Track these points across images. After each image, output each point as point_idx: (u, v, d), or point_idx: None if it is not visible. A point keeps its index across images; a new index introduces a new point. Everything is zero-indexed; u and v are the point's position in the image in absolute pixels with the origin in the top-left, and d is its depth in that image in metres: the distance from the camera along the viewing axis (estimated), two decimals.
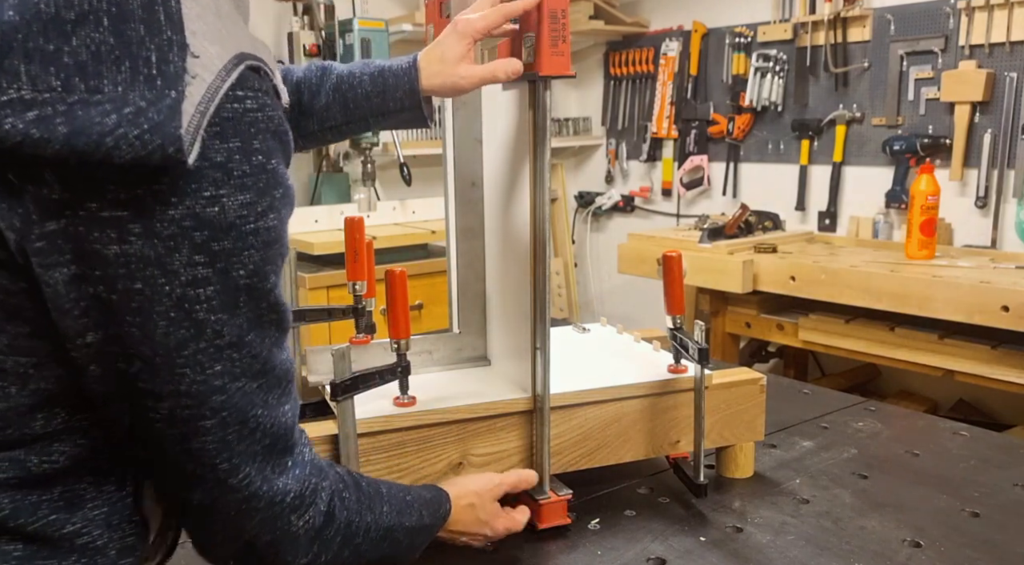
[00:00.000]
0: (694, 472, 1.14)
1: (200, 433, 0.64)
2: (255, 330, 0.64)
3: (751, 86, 3.46)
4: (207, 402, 0.63)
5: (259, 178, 0.61)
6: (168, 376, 0.61)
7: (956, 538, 1.05)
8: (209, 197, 0.58)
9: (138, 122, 0.53)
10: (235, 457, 0.66)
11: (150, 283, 0.58)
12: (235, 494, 0.67)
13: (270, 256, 0.64)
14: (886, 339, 2.59)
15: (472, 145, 1.22)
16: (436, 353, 1.26)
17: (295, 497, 0.71)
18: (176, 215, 0.57)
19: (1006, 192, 2.82)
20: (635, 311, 3.98)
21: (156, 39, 0.55)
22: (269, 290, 0.64)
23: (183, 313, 0.59)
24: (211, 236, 0.59)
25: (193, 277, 0.59)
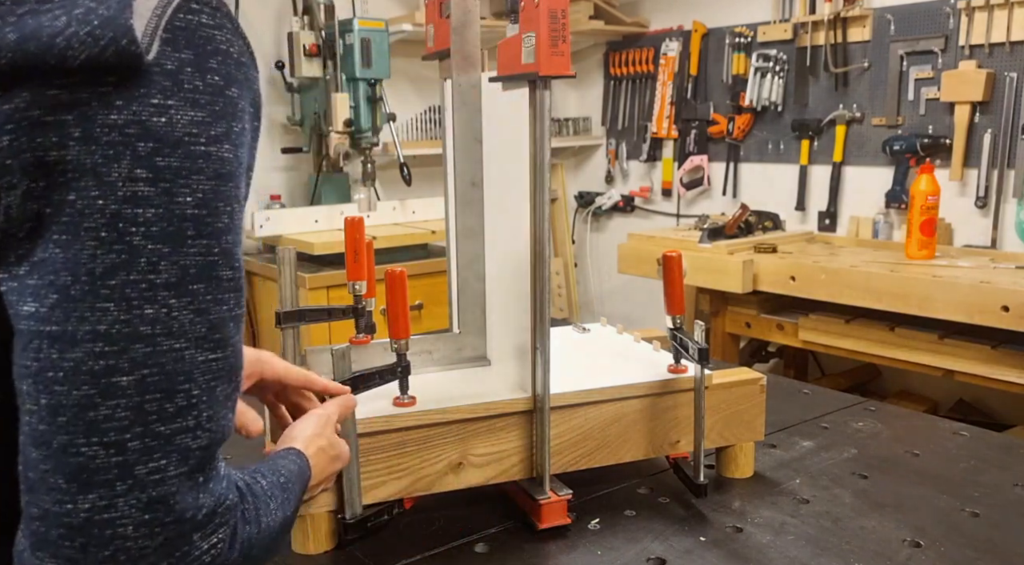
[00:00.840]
0: (694, 472, 1.14)
1: (111, 393, 0.53)
2: (205, 282, 0.56)
3: (751, 86, 3.46)
4: (128, 350, 0.53)
5: (214, 99, 0.57)
6: (86, 312, 0.52)
7: (956, 538, 1.05)
8: (157, 105, 0.54)
9: (88, 19, 0.51)
10: (150, 437, 0.54)
11: (83, 195, 0.52)
12: (139, 494, 0.54)
13: (223, 192, 0.57)
14: (886, 339, 2.59)
15: (472, 145, 1.22)
16: (436, 353, 1.26)
17: (206, 514, 0.58)
18: (119, 120, 0.52)
19: (1006, 192, 2.83)
20: (635, 311, 3.98)
21: None
22: (221, 231, 0.57)
23: (115, 234, 0.53)
24: (156, 149, 0.53)
25: (132, 193, 0.53)
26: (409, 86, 3.61)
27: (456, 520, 1.10)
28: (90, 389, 0.53)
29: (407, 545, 1.04)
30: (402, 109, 3.43)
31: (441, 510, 1.11)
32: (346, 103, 3.05)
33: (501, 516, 1.11)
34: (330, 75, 3.10)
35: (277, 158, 3.36)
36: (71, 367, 0.52)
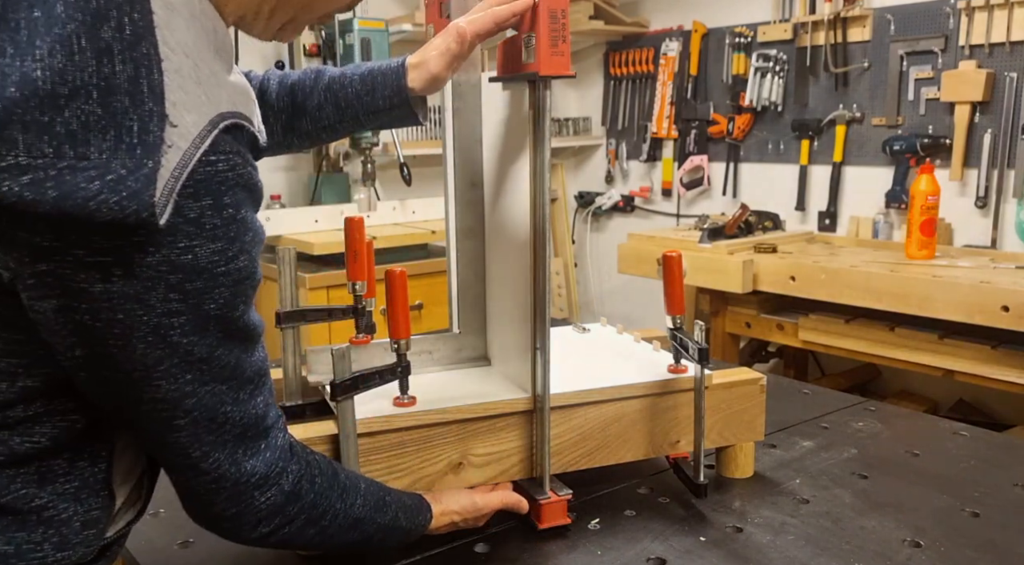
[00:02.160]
0: (694, 472, 1.14)
1: (174, 430, 0.73)
2: (223, 346, 0.72)
3: (751, 86, 3.46)
4: (180, 405, 0.72)
5: (229, 228, 0.69)
6: (146, 387, 0.70)
7: (956, 538, 1.05)
8: (183, 247, 0.66)
9: (118, 189, 0.60)
10: (205, 446, 0.75)
11: (130, 314, 0.66)
12: (205, 476, 0.76)
13: (239, 290, 0.72)
14: (886, 339, 2.59)
15: (472, 145, 1.22)
16: (436, 353, 1.27)
17: (260, 477, 0.79)
18: (153, 261, 0.65)
19: (1006, 192, 2.83)
20: (635, 311, 3.98)
21: (139, 110, 0.62)
22: (238, 317, 0.73)
23: (159, 337, 0.68)
24: (185, 278, 0.67)
25: (168, 309, 0.67)
26: None
27: None
28: (161, 428, 0.73)
29: (407, 545, 1.04)
30: None
31: None
32: None
33: (501, 516, 1.11)
34: None
35: (277, 158, 3.36)
36: (145, 416, 0.72)
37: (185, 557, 1.04)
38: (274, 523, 0.82)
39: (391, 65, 1.08)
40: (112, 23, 0.61)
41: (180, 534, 1.06)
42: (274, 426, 0.81)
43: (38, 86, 0.58)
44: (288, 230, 3.02)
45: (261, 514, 0.80)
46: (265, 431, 0.80)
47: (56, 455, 0.73)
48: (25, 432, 0.71)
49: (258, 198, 0.75)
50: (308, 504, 0.84)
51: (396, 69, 1.07)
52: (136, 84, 0.62)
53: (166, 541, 1.06)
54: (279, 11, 0.80)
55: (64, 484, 0.74)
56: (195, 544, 1.05)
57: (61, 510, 0.73)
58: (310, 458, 0.86)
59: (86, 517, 0.75)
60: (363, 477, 0.94)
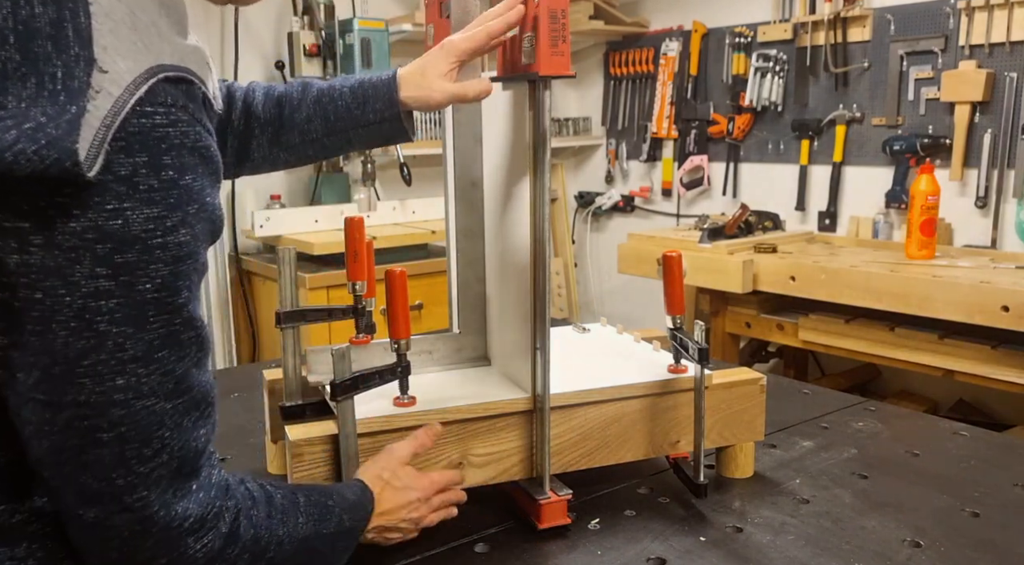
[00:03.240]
0: (694, 472, 1.14)
1: (96, 444, 0.62)
2: (169, 348, 0.63)
3: (751, 86, 3.46)
4: (105, 414, 0.61)
5: (169, 193, 0.61)
6: (67, 386, 0.60)
7: (956, 538, 1.05)
8: (112, 210, 0.58)
9: (36, 137, 0.54)
10: (132, 476, 0.64)
11: (50, 294, 0.58)
12: (129, 513, 0.65)
13: (181, 271, 0.63)
14: (886, 339, 2.59)
15: (472, 145, 1.22)
16: (436, 353, 1.27)
17: (195, 521, 0.68)
18: (78, 227, 0.57)
19: (1006, 192, 2.83)
20: (635, 311, 3.98)
21: (63, 55, 0.56)
22: (181, 305, 0.64)
23: (83, 323, 0.59)
24: (114, 249, 0.58)
25: (95, 289, 0.58)
26: None
27: (456, 520, 1.10)
28: (79, 440, 0.61)
29: (407, 545, 1.03)
30: None
31: None
32: None
33: (501, 516, 1.11)
34: (330, 75, 3.10)
35: None
36: (62, 424, 0.61)
37: None
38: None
39: (382, 78, 1.03)
40: None
41: None
42: (208, 462, 0.71)
43: None
44: (288, 230, 3.02)
45: (198, 563, 0.69)
46: (199, 468, 0.69)
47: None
48: None
49: (213, 167, 0.66)
50: (250, 541, 0.73)
51: (388, 82, 1.02)
52: (59, 27, 0.56)
53: None
54: None
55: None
56: None
57: None
58: (243, 489, 0.76)
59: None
60: (299, 487, 0.85)
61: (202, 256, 0.66)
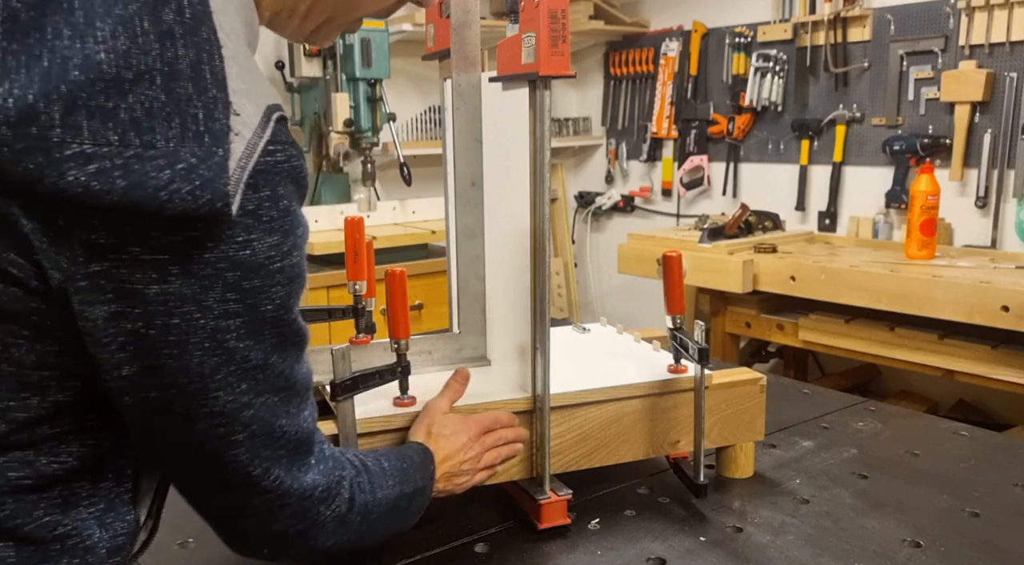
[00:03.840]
0: (694, 472, 1.14)
1: (233, 447, 0.69)
2: (279, 353, 0.69)
3: (751, 86, 3.46)
4: (238, 418, 0.68)
5: (284, 221, 0.66)
6: (203, 400, 0.65)
7: (956, 538, 1.05)
8: (241, 242, 0.63)
9: (190, 178, 0.58)
10: (265, 462, 0.71)
11: (186, 318, 0.62)
12: (267, 494, 0.72)
13: (293, 290, 0.69)
14: (886, 339, 2.59)
15: (472, 145, 1.22)
16: (436, 353, 1.26)
17: (323, 490, 0.77)
18: (211, 258, 0.61)
19: (1006, 192, 2.82)
20: (635, 311, 3.98)
21: (203, 97, 0.59)
22: (292, 320, 0.70)
23: (215, 343, 0.64)
24: (242, 276, 0.63)
25: (224, 311, 0.63)
26: (409, 86, 3.61)
27: (456, 520, 1.10)
28: (218, 446, 0.68)
29: (407, 545, 1.04)
30: (402, 109, 3.43)
31: (441, 510, 1.11)
32: (346, 103, 3.04)
33: (501, 516, 1.11)
34: (330, 75, 3.10)
35: None
36: (199, 433, 0.67)
37: (185, 557, 1.04)
38: (339, 532, 0.81)
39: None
40: (172, 5, 0.59)
41: (179, 534, 1.06)
42: (318, 439, 0.79)
43: (103, 70, 0.55)
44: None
45: (328, 527, 0.79)
46: (312, 445, 0.77)
47: (80, 477, 0.69)
48: (51, 451, 0.66)
49: (304, 193, 0.71)
50: (361, 505, 0.83)
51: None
52: (198, 70, 0.59)
53: (166, 541, 1.06)
54: (315, 10, 0.77)
55: (88, 508, 0.69)
56: (194, 544, 1.05)
57: (85, 537, 0.68)
58: (347, 460, 0.85)
59: (111, 543, 0.70)
60: (379, 454, 0.92)
61: (306, 270, 0.72)
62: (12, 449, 0.65)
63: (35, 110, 0.54)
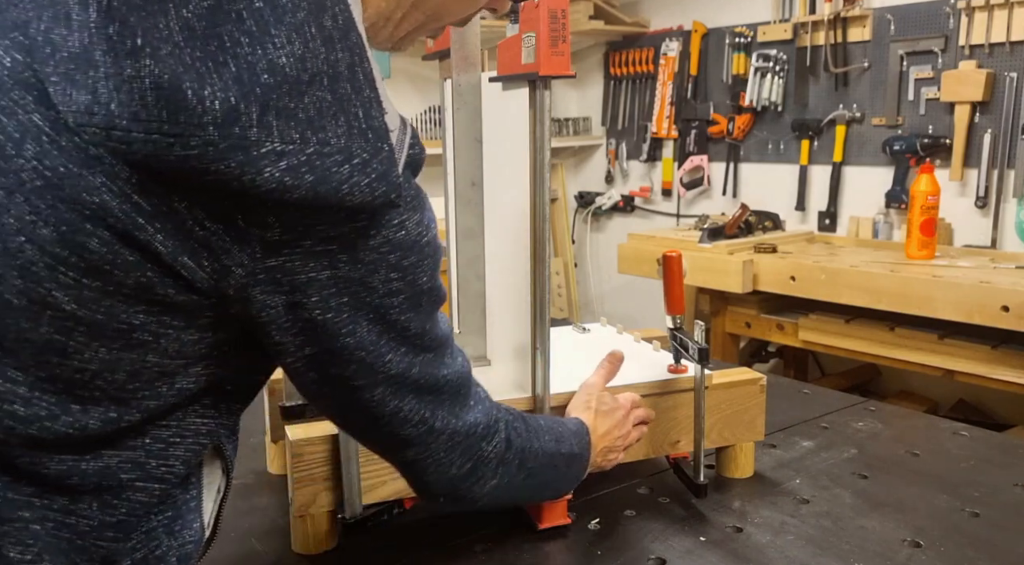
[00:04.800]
0: (694, 472, 1.14)
1: (408, 403, 0.76)
2: (429, 317, 0.75)
3: (751, 86, 3.46)
4: (408, 377, 0.74)
5: (419, 199, 0.71)
6: (379, 367, 0.71)
7: (956, 538, 1.05)
8: (397, 224, 0.67)
9: (367, 172, 0.62)
10: (436, 409, 0.78)
11: (356, 297, 0.67)
12: (440, 436, 0.79)
13: (437, 259, 0.74)
14: (886, 339, 2.59)
15: (472, 145, 1.22)
16: None
17: (484, 427, 0.84)
18: (374, 243, 0.66)
19: (1006, 192, 2.82)
20: (635, 311, 3.98)
21: (359, 97, 0.63)
22: (439, 285, 0.75)
23: (380, 317, 0.69)
24: (402, 255, 0.68)
25: (389, 289, 0.69)
26: (409, 86, 3.61)
27: (456, 520, 1.10)
28: (397, 404, 0.75)
29: (407, 545, 1.04)
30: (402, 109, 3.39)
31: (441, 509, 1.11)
32: None
33: (501, 516, 1.11)
34: None
35: None
36: (378, 399, 0.74)
37: None
38: (499, 473, 0.86)
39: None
40: (329, 11, 0.62)
41: None
42: (474, 382, 0.85)
43: (286, 73, 0.59)
44: None
45: (491, 464, 0.85)
46: (470, 387, 0.83)
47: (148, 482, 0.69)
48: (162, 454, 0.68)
49: None
50: (517, 448, 0.88)
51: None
52: (353, 71, 0.63)
53: None
54: (409, 17, 0.78)
55: (158, 516, 0.69)
56: None
57: (154, 548, 0.69)
58: (506, 407, 0.91)
59: (180, 552, 0.71)
60: (538, 415, 0.99)
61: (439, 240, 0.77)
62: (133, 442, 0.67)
63: (237, 111, 0.57)
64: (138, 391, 0.65)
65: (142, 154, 0.56)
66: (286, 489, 1.08)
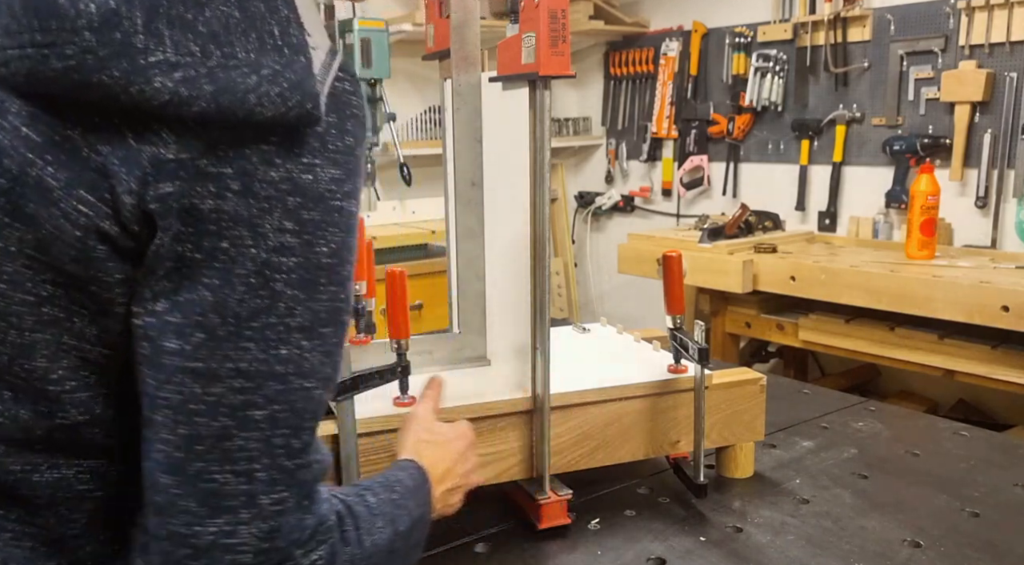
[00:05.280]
0: (694, 472, 1.14)
1: (246, 425, 0.57)
2: (333, 325, 0.61)
3: (751, 86, 3.46)
4: (263, 387, 0.57)
5: (348, 160, 0.61)
6: (229, 351, 0.56)
7: (956, 538, 1.05)
8: (307, 164, 0.58)
9: (277, 81, 0.56)
10: (276, 470, 0.58)
11: (237, 243, 0.56)
12: (260, 523, 0.57)
13: (350, 243, 0.62)
14: (886, 339, 2.59)
15: (472, 145, 1.22)
16: (436, 353, 1.26)
17: (310, 533, 0.61)
18: (276, 176, 0.57)
19: (1006, 192, 2.82)
20: (635, 311, 3.98)
21: (275, 16, 0.58)
22: (346, 279, 0.62)
23: (262, 279, 0.57)
24: (302, 204, 0.58)
25: (280, 243, 0.57)
26: (409, 86, 3.61)
27: (456, 520, 1.10)
28: (228, 421, 0.56)
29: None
30: (402, 109, 3.43)
31: None
32: None
33: (501, 516, 1.11)
34: None
35: None
36: (213, 401, 0.56)
37: None
38: None
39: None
40: None
41: None
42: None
43: None
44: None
45: None
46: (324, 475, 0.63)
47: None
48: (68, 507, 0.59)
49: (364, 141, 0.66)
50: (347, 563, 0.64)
51: None
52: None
53: None
54: None
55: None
56: None
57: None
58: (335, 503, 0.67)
59: None
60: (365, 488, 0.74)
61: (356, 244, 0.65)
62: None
63: (118, 15, 0.52)
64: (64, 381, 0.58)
65: (22, 75, 0.52)
66: None
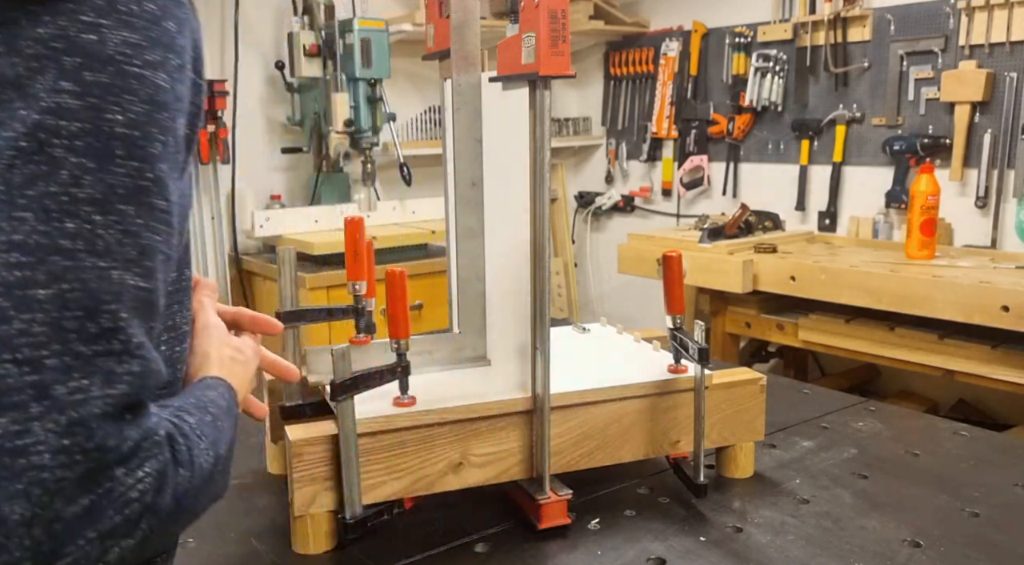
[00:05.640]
0: (694, 472, 1.14)
1: (27, 306, 0.48)
2: (135, 205, 0.53)
3: (751, 86, 3.46)
4: (45, 262, 0.49)
5: (149, 26, 0.55)
6: (3, 219, 0.48)
7: (956, 538, 1.05)
8: (87, 22, 0.52)
9: None
10: (69, 355, 0.48)
11: (5, 105, 0.50)
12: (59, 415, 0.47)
13: (158, 119, 0.55)
14: (886, 339, 2.59)
15: (472, 145, 1.22)
16: (436, 353, 1.26)
17: (132, 446, 0.50)
18: (44, 34, 0.50)
19: (1006, 192, 2.83)
20: (635, 311, 3.98)
21: None
22: (154, 157, 0.54)
23: (36, 144, 0.49)
24: (83, 64, 0.51)
25: (56, 104, 0.50)
26: (409, 86, 3.61)
27: (456, 520, 1.10)
28: (3, 301, 0.47)
29: (407, 545, 1.04)
30: (402, 109, 3.43)
31: (441, 510, 1.11)
32: (346, 103, 3.05)
33: (501, 516, 1.11)
34: (330, 75, 3.10)
35: (277, 158, 3.36)
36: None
37: (185, 558, 1.04)
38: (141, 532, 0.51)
39: None
40: None
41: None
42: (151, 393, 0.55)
43: None
44: (288, 230, 3.02)
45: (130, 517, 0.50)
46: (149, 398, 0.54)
47: None
48: None
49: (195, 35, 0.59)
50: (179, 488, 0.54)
51: None
52: None
53: None
54: None
55: None
56: (194, 544, 1.05)
57: None
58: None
59: None
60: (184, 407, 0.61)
61: (180, 130, 0.57)
62: None
63: None
64: None
65: None
66: (286, 489, 1.08)
